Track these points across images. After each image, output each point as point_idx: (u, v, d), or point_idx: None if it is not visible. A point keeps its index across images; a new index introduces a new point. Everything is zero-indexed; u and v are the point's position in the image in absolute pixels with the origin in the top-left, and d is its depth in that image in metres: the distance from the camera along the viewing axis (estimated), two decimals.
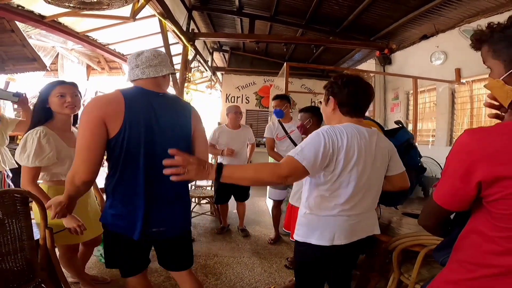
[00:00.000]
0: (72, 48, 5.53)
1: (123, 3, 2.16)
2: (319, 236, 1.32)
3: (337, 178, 1.28)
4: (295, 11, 4.83)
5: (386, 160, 1.41)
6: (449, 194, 0.81)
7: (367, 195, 1.34)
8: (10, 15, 2.98)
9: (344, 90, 1.35)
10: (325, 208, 1.32)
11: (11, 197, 1.40)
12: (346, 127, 1.30)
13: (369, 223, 1.42)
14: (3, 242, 1.36)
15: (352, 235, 1.34)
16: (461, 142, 0.77)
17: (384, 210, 2.31)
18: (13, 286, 1.40)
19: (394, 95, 5.24)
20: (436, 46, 4.20)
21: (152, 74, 1.34)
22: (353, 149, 1.26)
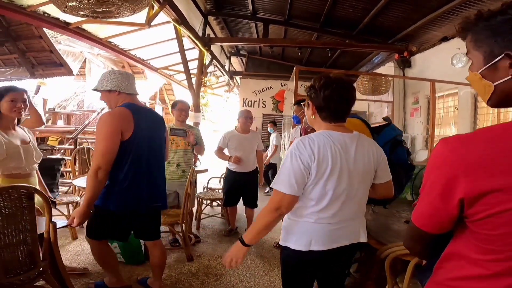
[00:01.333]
0: (98, 53, 5.89)
1: (131, 12, 2.28)
2: (296, 240, 1.30)
3: (312, 189, 1.25)
4: (309, 15, 4.82)
5: (371, 166, 1.34)
6: (428, 215, 0.70)
7: (348, 203, 1.30)
8: (37, 22, 3.25)
9: (320, 95, 1.29)
10: (302, 215, 1.30)
11: (17, 192, 1.51)
12: (318, 136, 1.28)
13: (353, 231, 1.36)
14: (8, 234, 1.48)
15: (331, 242, 1.29)
16: (436, 154, 0.67)
17: (384, 217, 2.23)
18: (16, 274, 1.51)
19: (414, 100, 5.04)
20: (457, 48, 4.00)
21: (135, 91, 1.94)
22: (326, 159, 1.23)
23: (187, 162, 3.08)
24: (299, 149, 1.24)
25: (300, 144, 1.25)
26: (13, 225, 1.49)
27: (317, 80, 1.32)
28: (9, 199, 1.46)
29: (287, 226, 1.35)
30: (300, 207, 1.30)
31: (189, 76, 4.80)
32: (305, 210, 1.29)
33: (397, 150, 1.75)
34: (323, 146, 1.24)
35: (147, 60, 5.72)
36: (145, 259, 2.72)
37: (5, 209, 1.45)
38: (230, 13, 5.35)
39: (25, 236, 1.54)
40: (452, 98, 4.42)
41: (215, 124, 13.07)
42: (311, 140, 1.25)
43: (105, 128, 1.73)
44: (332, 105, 1.29)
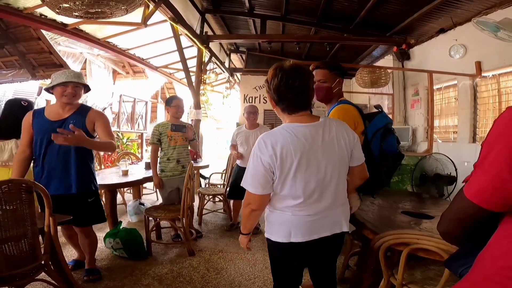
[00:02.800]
0: (98, 54, 5.94)
1: (124, 12, 2.30)
2: (276, 232, 1.30)
3: (282, 187, 1.23)
4: (306, 9, 4.80)
5: (344, 149, 1.29)
6: (491, 189, 0.60)
7: (324, 193, 1.27)
8: (35, 24, 3.29)
9: (271, 87, 1.25)
10: (279, 207, 1.30)
11: (16, 186, 1.55)
12: (280, 131, 1.24)
13: (334, 221, 1.33)
14: (9, 227, 1.51)
15: (311, 234, 1.28)
16: (504, 121, 0.59)
17: (382, 208, 2.24)
18: (18, 267, 1.55)
19: (414, 91, 5.02)
20: (454, 39, 3.98)
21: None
22: (290, 155, 1.20)
23: (186, 157, 3.12)
24: (260, 149, 1.21)
25: (262, 143, 1.21)
26: (13, 218, 1.52)
27: (270, 71, 1.27)
28: (9, 193, 1.49)
29: (267, 217, 1.35)
30: (276, 201, 1.29)
31: (188, 73, 4.82)
32: (281, 203, 1.28)
33: (388, 138, 1.76)
34: (285, 142, 1.20)
35: (146, 59, 5.75)
36: (148, 254, 2.77)
37: (5, 202, 1.47)
38: (227, 10, 5.34)
39: (26, 230, 1.58)
40: (453, 89, 4.39)
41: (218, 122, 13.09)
42: (273, 137, 1.21)
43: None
44: (283, 96, 1.23)
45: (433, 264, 1.68)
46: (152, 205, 4.14)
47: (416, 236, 1.43)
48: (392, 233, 1.54)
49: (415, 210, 2.24)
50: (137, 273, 2.46)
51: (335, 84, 1.79)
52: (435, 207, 2.29)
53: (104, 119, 2.17)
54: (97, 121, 2.12)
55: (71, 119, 2.03)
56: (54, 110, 2.07)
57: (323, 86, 1.78)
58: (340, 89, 1.82)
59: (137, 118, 7.32)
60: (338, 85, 1.80)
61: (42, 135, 2.00)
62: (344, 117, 1.68)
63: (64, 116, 2.04)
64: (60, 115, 2.05)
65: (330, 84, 1.78)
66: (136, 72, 7.42)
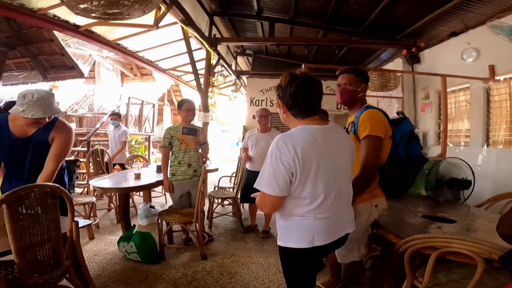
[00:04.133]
0: (107, 56, 5.96)
1: (141, 13, 2.30)
2: (298, 239, 1.29)
3: (302, 188, 1.25)
4: (314, 12, 4.81)
5: (351, 152, 1.39)
6: None
7: (339, 195, 1.32)
8: (48, 25, 3.30)
9: (286, 92, 1.30)
10: (300, 214, 1.29)
11: (42, 191, 1.52)
12: (299, 133, 1.27)
13: (347, 221, 1.42)
14: (34, 232, 1.47)
15: (332, 235, 1.33)
16: None
17: (402, 212, 2.20)
18: (42, 273, 1.52)
19: (424, 95, 4.98)
20: (467, 43, 3.96)
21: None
22: (310, 155, 1.22)
23: (197, 161, 3.08)
24: (280, 150, 1.21)
25: (282, 144, 1.22)
26: (38, 224, 1.48)
27: (283, 78, 1.33)
28: (34, 198, 1.46)
29: (286, 226, 1.33)
30: (296, 206, 1.29)
31: (197, 76, 4.82)
32: (302, 208, 1.28)
33: (413, 143, 1.77)
34: (304, 143, 1.22)
35: (155, 62, 5.76)
36: (161, 258, 2.74)
37: (30, 208, 1.44)
38: (235, 12, 5.36)
39: (50, 235, 1.54)
40: (464, 93, 4.35)
41: (224, 125, 13.12)
42: (293, 138, 1.24)
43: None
44: (299, 102, 1.29)
45: (456, 267, 1.66)
46: (161, 208, 4.14)
47: (448, 240, 1.42)
48: (420, 237, 1.52)
49: (434, 214, 2.21)
50: (151, 278, 2.43)
51: (361, 89, 1.82)
52: (453, 211, 2.26)
53: (62, 141, 1.92)
54: (55, 140, 1.92)
55: (36, 136, 1.90)
56: (19, 125, 1.86)
57: (349, 89, 1.81)
58: (364, 95, 1.84)
59: (144, 121, 7.33)
60: (363, 90, 1.83)
61: (9, 153, 1.89)
62: (376, 121, 1.69)
63: (29, 133, 1.89)
64: (25, 132, 1.88)
65: (356, 88, 1.80)
66: (143, 74, 7.45)
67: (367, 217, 1.80)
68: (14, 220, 1.34)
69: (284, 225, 1.34)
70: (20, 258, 1.38)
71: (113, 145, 4.78)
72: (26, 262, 1.42)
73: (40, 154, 1.88)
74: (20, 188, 1.38)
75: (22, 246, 1.38)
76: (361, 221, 1.81)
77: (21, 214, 1.38)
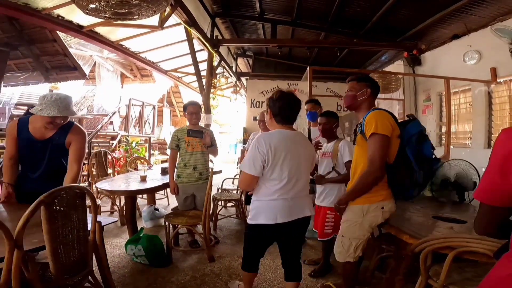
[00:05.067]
0: (107, 56, 5.91)
1: (152, 13, 2.29)
2: (265, 217, 1.75)
3: (272, 171, 1.73)
4: (317, 14, 4.83)
5: (310, 155, 1.88)
6: (489, 190, 0.82)
7: (298, 182, 1.79)
8: (51, 25, 3.26)
9: (276, 104, 1.79)
10: (267, 193, 1.76)
11: (72, 192, 1.53)
12: (274, 133, 1.79)
13: (303, 205, 1.83)
14: (66, 233, 1.48)
15: (291, 215, 1.76)
16: (498, 140, 0.81)
17: (413, 213, 2.22)
18: (71, 275, 1.51)
19: (425, 97, 5.03)
20: (468, 45, 4.02)
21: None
22: (280, 149, 1.72)
23: (204, 164, 3.04)
24: (259, 142, 1.73)
25: (261, 140, 1.74)
26: (70, 225, 1.50)
27: (274, 94, 1.84)
28: (67, 199, 1.48)
29: (257, 207, 1.80)
30: (267, 188, 1.76)
31: (200, 78, 4.81)
32: (271, 189, 1.75)
33: (424, 144, 1.79)
34: (277, 140, 1.74)
35: (156, 63, 5.74)
36: (169, 261, 2.71)
37: (64, 208, 1.46)
38: (237, 14, 5.36)
39: (79, 236, 1.55)
40: (464, 95, 4.40)
41: (223, 126, 13.10)
42: (270, 136, 1.77)
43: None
44: (284, 113, 1.80)
45: (468, 266, 1.69)
46: (165, 210, 4.10)
47: (466, 240, 1.43)
48: (438, 237, 1.54)
49: (443, 215, 2.23)
50: (160, 281, 2.41)
51: (360, 93, 1.89)
52: (460, 212, 2.30)
53: (79, 144, 2.10)
54: (72, 143, 2.09)
55: (53, 139, 2.06)
56: (38, 127, 2.02)
57: (349, 95, 1.93)
58: (369, 99, 1.89)
59: (144, 122, 7.28)
60: (364, 94, 1.89)
61: (28, 153, 2.04)
62: (381, 120, 1.72)
63: (47, 135, 2.05)
64: (43, 134, 2.04)
65: (355, 93, 1.90)
66: (143, 75, 7.41)
67: (371, 219, 1.82)
68: (50, 221, 1.37)
69: (256, 206, 1.80)
70: (55, 259, 1.40)
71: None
72: (59, 264, 1.42)
73: (57, 156, 2.07)
74: (56, 189, 1.40)
75: (56, 247, 1.41)
76: (363, 222, 1.83)
77: (57, 215, 1.41)
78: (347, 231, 1.87)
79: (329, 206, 2.45)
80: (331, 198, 2.45)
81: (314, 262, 2.82)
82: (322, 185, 2.52)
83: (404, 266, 1.87)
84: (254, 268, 1.99)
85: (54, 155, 2.06)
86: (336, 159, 2.47)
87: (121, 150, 6.12)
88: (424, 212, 2.28)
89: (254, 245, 1.91)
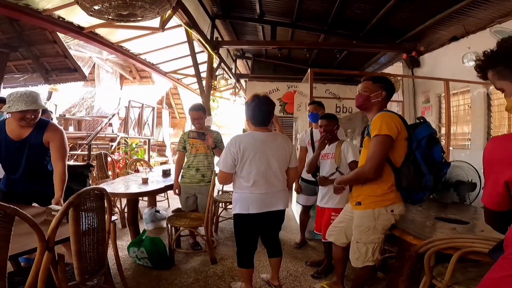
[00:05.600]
0: (106, 58, 5.90)
1: (155, 14, 2.29)
2: (240, 206, 1.98)
3: (241, 170, 1.93)
4: (316, 16, 4.85)
5: (285, 153, 2.04)
6: (489, 196, 0.90)
7: (270, 179, 1.97)
8: (52, 26, 3.25)
9: (249, 109, 1.97)
10: (241, 187, 1.98)
11: (93, 193, 1.57)
12: (245, 135, 2.01)
13: (277, 200, 2.03)
14: (88, 234, 1.52)
15: (263, 207, 1.97)
16: (487, 149, 0.88)
17: (415, 214, 2.23)
18: (90, 275, 1.54)
19: (424, 98, 5.06)
20: (467, 47, 4.04)
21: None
22: (249, 149, 1.90)
23: (207, 166, 3.04)
24: (231, 144, 1.93)
25: (232, 141, 1.95)
26: (92, 225, 1.54)
27: (249, 98, 2.02)
28: (90, 200, 1.52)
29: (235, 198, 2.02)
30: (240, 183, 1.97)
31: (200, 80, 4.81)
32: (242, 184, 1.96)
33: (434, 148, 1.77)
34: (246, 141, 1.93)
35: (156, 65, 5.73)
36: (171, 263, 2.70)
37: (87, 210, 1.51)
38: (237, 16, 5.36)
39: (98, 236, 1.59)
40: (463, 97, 4.43)
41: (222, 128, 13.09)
42: (239, 138, 1.96)
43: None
44: (255, 115, 1.97)
45: (471, 266, 1.70)
46: (165, 212, 4.09)
47: (471, 240, 1.44)
48: (443, 238, 1.55)
49: (445, 215, 2.25)
50: (163, 283, 2.40)
51: (375, 94, 1.87)
52: (462, 213, 2.32)
53: (58, 141, 2.12)
54: (51, 141, 2.11)
55: (30, 138, 2.08)
56: (14, 128, 2.06)
57: (363, 94, 1.91)
58: (382, 101, 1.88)
59: (144, 124, 7.25)
60: (378, 96, 1.87)
61: (6, 154, 2.07)
62: (387, 121, 1.72)
63: (24, 135, 2.07)
64: (20, 134, 2.07)
65: (369, 94, 1.87)
66: (143, 77, 7.40)
67: (383, 222, 1.82)
68: (77, 222, 1.42)
69: (234, 197, 2.03)
70: (79, 259, 1.44)
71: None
72: (82, 264, 1.47)
73: (35, 155, 2.10)
74: (82, 191, 1.46)
75: (80, 248, 1.45)
76: (376, 226, 1.83)
77: (82, 216, 1.46)
78: (361, 237, 1.86)
79: (333, 207, 2.46)
80: (335, 200, 2.45)
81: (316, 264, 2.83)
82: (326, 187, 2.52)
83: (408, 267, 1.88)
84: (250, 263, 2.12)
85: (32, 154, 2.07)
86: (339, 160, 2.48)
87: (120, 152, 6.10)
88: (426, 213, 2.29)
89: (240, 234, 2.10)
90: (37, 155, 2.11)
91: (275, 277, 2.36)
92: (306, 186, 3.19)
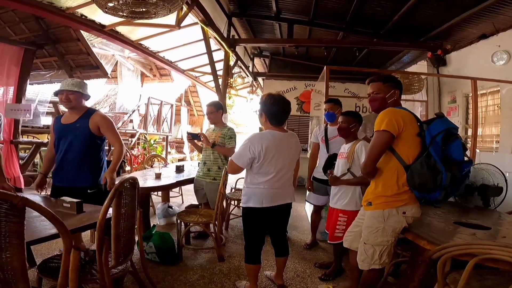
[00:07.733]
0: (128, 56, 6.07)
1: (167, 11, 2.31)
2: (254, 201, 2.03)
3: (261, 167, 2.00)
4: (334, 14, 4.72)
5: (296, 153, 2.18)
6: None
7: (284, 175, 2.08)
8: (75, 24, 3.38)
9: (269, 108, 2.01)
10: (255, 183, 2.03)
11: (129, 182, 1.68)
12: (265, 134, 2.02)
13: (287, 194, 2.15)
14: (124, 219, 1.64)
15: (275, 201, 2.06)
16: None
17: (433, 218, 2.10)
18: (123, 258, 1.69)
19: (450, 98, 4.80)
20: (497, 45, 3.81)
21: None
22: (270, 148, 1.97)
23: (213, 160, 3.06)
24: (252, 142, 1.97)
25: (254, 140, 1.98)
26: (126, 211, 1.65)
27: (267, 98, 2.04)
28: (127, 188, 1.64)
29: (248, 193, 2.07)
30: (255, 178, 2.03)
31: (216, 77, 4.83)
32: (258, 180, 2.02)
33: (451, 143, 1.64)
34: (269, 141, 1.98)
35: (174, 62, 5.83)
36: (179, 259, 2.72)
37: (126, 197, 1.63)
38: (254, 13, 5.33)
39: (129, 223, 1.69)
40: (492, 97, 4.16)
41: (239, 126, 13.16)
42: (262, 137, 1.99)
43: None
44: (275, 116, 2.03)
45: (489, 273, 1.61)
46: (178, 208, 4.14)
47: (489, 247, 1.33)
48: (459, 243, 1.44)
49: (465, 220, 2.11)
50: (169, 279, 2.42)
51: (390, 95, 1.80)
52: (484, 218, 2.16)
53: (107, 124, 2.35)
54: (101, 126, 2.32)
55: (77, 123, 2.31)
56: (67, 115, 2.38)
57: (377, 97, 1.83)
58: (397, 100, 1.81)
59: (162, 121, 7.42)
60: (393, 96, 1.80)
61: (59, 136, 2.35)
62: (390, 117, 1.67)
63: (72, 120, 2.32)
64: (69, 119, 2.33)
65: (384, 95, 1.80)
66: (162, 75, 7.57)
67: (394, 224, 1.73)
68: (118, 208, 1.53)
69: (247, 192, 2.08)
70: (116, 243, 1.55)
71: None
72: (118, 247, 1.58)
73: (78, 137, 2.28)
74: (124, 179, 1.60)
75: (119, 231, 1.57)
76: (385, 228, 1.75)
77: (123, 202, 1.58)
78: (369, 238, 1.79)
79: (341, 208, 2.39)
80: (344, 201, 2.37)
81: (325, 265, 2.75)
82: (337, 187, 2.45)
83: (420, 273, 1.78)
84: (257, 259, 2.15)
85: (76, 136, 2.27)
86: (351, 160, 2.39)
87: (139, 148, 6.26)
88: (445, 217, 2.16)
89: (249, 227, 2.13)
90: (82, 141, 2.27)
91: (279, 276, 2.36)
92: (317, 185, 3.11)
